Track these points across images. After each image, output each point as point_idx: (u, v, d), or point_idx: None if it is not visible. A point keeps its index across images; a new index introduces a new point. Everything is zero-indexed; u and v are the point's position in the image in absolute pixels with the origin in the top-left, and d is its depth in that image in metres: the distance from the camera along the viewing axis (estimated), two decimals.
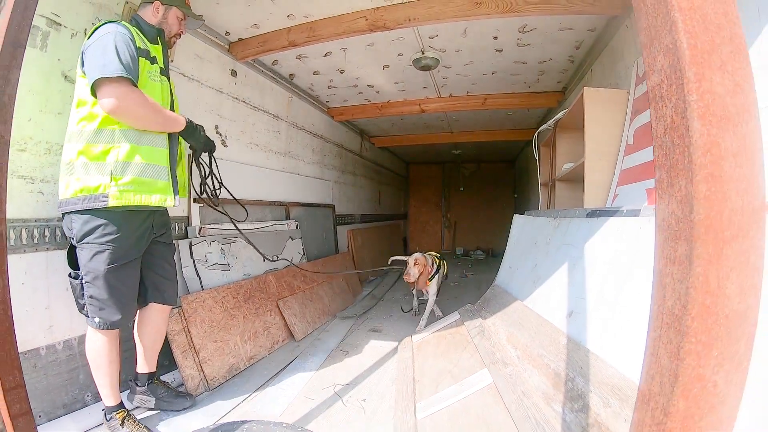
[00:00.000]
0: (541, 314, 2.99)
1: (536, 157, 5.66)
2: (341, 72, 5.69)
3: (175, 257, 3.14)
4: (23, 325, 2.63)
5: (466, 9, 3.72)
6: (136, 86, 2.43)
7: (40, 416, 2.69)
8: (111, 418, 2.71)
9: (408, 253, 5.01)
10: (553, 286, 3.06)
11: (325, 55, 5.06)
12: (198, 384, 3.29)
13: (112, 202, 2.38)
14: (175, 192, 2.68)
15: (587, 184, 3.50)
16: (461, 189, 14.86)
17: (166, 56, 2.86)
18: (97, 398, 2.95)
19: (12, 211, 2.57)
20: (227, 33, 4.43)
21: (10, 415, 1.37)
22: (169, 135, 2.70)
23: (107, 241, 2.47)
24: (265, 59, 5.10)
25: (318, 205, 6.99)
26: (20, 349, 2.57)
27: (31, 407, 2.24)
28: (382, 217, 11.39)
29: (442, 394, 2.81)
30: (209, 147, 3.01)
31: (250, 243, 3.61)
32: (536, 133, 5.65)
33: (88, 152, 2.39)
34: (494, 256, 12.37)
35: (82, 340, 2.90)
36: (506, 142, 9.61)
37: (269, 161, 5.53)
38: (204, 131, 2.90)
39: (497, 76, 5.76)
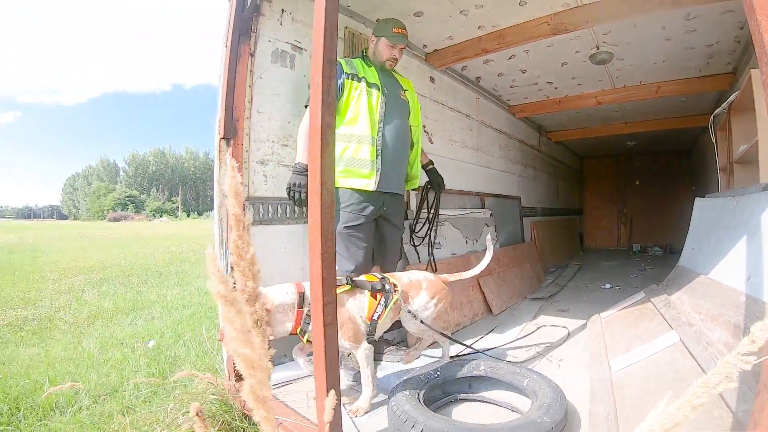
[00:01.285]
0: (722, 282, 3.23)
1: (713, 141, 5.66)
2: (523, 72, 6.17)
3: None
4: (285, 279, 3.41)
5: (636, 6, 4.00)
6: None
7: (285, 355, 3.50)
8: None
9: (584, 249, 5.00)
10: (733, 257, 3.23)
11: (510, 58, 5.58)
12: (416, 340, 3.93)
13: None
14: (379, 179, 3.38)
15: (761, 162, 3.66)
16: (637, 182, 14.38)
17: (382, 75, 3.57)
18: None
19: (279, 191, 3.48)
20: (424, 45, 5.11)
21: (324, 324, 1.96)
22: (383, 139, 3.43)
23: (338, 209, 3.29)
24: (456, 66, 5.70)
25: (506, 197, 7.56)
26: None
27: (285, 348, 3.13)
28: (559, 212, 11.55)
29: (633, 353, 3.13)
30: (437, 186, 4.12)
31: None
32: (712, 117, 5.65)
33: None
34: (672, 252, 11.62)
35: None
36: (680, 130, 9.41)
37: (465, 155, 6.19)
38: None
39: (668, 64, 5.88)
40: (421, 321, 3.11)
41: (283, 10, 3.57)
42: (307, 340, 2.73)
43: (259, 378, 1.02)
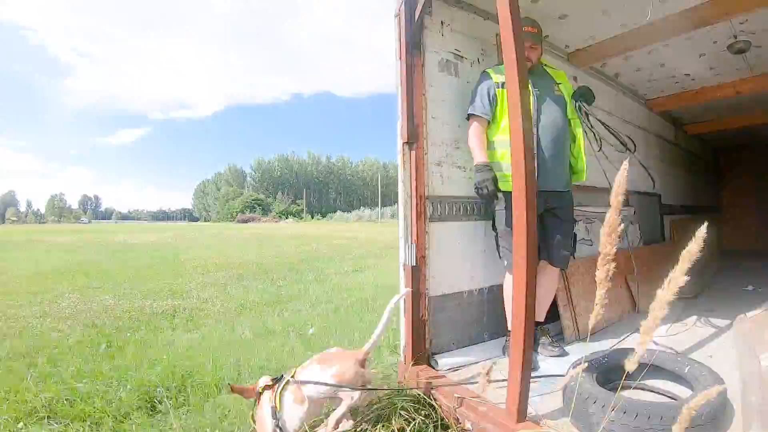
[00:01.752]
0: None
1: None
2: (661, 66, 6.13)
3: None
4: (455, 272, 3.80)
5: None
6: (477, 121, 3.59)
7: (453, 344, 3.77)
8: (507, 339, 3.70)
9: (722, 249, 4.77)
10: None
11: (649, 53, 5.62)
12: (572, 333, 4.18)
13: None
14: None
15: None
16: None
17: (530, 76, 3.51)
18: (492, 336, 4.03)
19: (453, 191, 3.79)
20: (566, 46, 5.25)
21: (525, 306, 2.31)
22: (538, 141, 3.57)
23: (503, 210, 3.58)
24: (596, 64, 5.79)
25: (647, 194, 7.48)
26: (451, 291, 3.75)
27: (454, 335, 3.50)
28: (697, 209, 11.00)
29: None
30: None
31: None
32: None
33: None
34: None
35: (490, 290, 4.03)
36: None
37: (610, 152, 6.22)
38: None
39: None
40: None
41: (442, 22, 3.84)
42: None
43: None
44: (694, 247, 1.51)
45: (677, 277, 1.56)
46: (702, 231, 1.49)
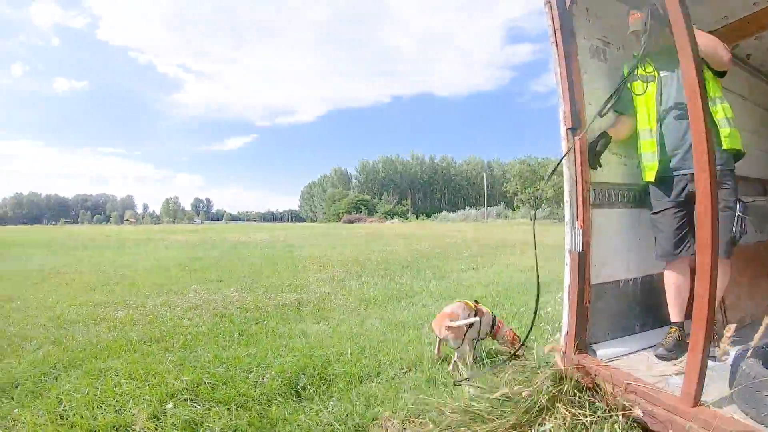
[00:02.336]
0: None
1: None
2: None
3: None
4: (612, 261, 3.77)
5: None
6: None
7: (608, 333, 3.73)
8: (668, 331, 3.62)
9: None
10: None
11: None
12: (720, 326, 4.06)
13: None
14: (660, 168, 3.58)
15: None
16: None
17: (657, 56, 3.66)
18: (644, 328, 3.97)
19: (609, 177, 3.77)
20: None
21: (709, 293, 2.31)
22: (663, 125, 3.61)
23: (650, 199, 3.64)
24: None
25: None
26: (609, 279, 3.72)
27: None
28: None
29: None
30: None
31: None
32: None
33: None
34: None
35: (643, 280, 3.98)
36: None
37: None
38: None
39: None
40: None
41: (587, 9, 3.82)
42: None
43: None
44: None
45: None
46: None
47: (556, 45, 3.49)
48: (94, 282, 9.83)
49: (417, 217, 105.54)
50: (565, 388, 3.00)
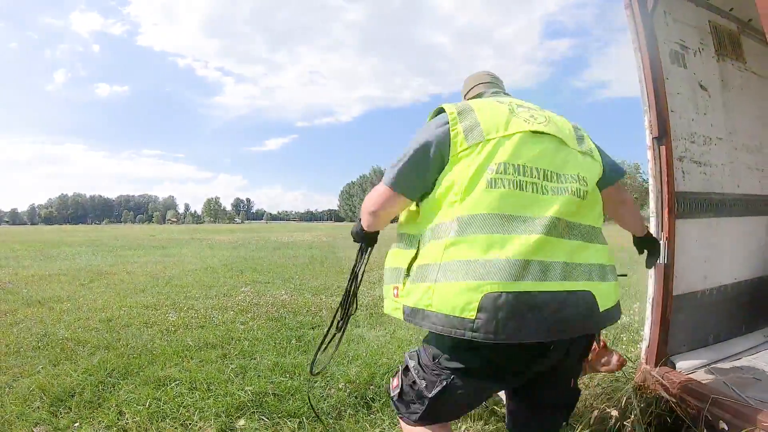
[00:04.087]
0: None
1: None
2: None
3: None
4: (690, 273, 3.64)
5: None
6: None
7: (684, 345, 3.63)
8: None
9: None
10: None
11: None
12: None
13: None
14: None
15: None
16: None
17: None
18: (716, 339, 3.86)
19: (692, 186, 3.65)
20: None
21: None
22: None
23: None
24: None
25: None
26: (688, 290, 3.61)
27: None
28: None
29: None
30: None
31: None
32: None
33: None
34: None
35: (719, 290, 3.87)
36: None
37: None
38: None
39: None
40: None
41: (665, 12, 3.69)
42: None
43: None
44: None
45: None
46: None
47: (640, 50, 3.40)
48: (143, 283, 9.90)
49: None
50: (649, 403, 2.96)
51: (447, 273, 1.68)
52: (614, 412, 2.82)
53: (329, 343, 2.85)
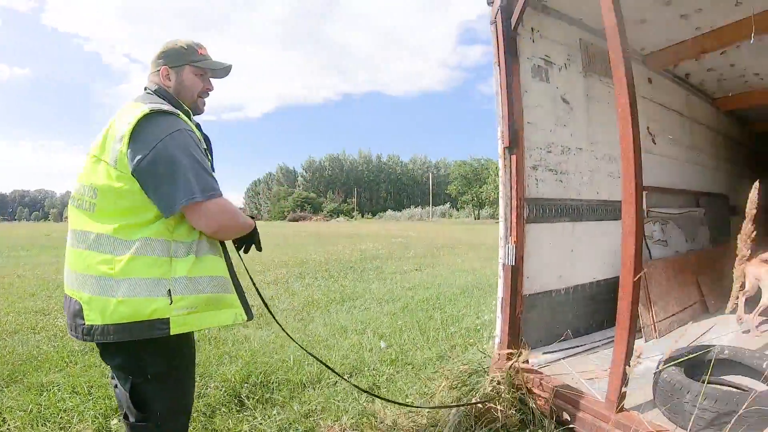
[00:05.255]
0: None
1: None
2: (732, 66, 6.14)
3: None
4: (545, 272, 3.94)
5: None
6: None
7: (540, 341, 3.90)
8: None
9: None
10: None
11: (721, 54, 5.64)
12: (650, 332, 4.28)
13: None
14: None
15: None
16: None
17: None
18: (575, 334, 4.17)
19: (545, 193, 3.92)
20: (642, 49, 5.33)
21: (631, 301, 2.47)
22: None
23: None
24: (670, 66, 5.84)
25: (715, 195, 7.51)
26: (542, 290, 3.90)
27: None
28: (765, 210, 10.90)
29: None
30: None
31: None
32: None
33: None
34: None
35: (576, 289, 4.18)
36: None
37: (680, 154, 6.36)
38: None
39: None
40: None
41: (533, 29, 3.96)
42: None
43: None
44: None
45: None
46: None
47: (499, 64, 3.61)
48: (33, 286, 9.50)
49: (362, 216, 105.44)
50: (501, 395, 3.11)
51: None
52: (464, 400, 3.06)
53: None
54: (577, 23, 4.45)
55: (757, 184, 1.96)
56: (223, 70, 2.51)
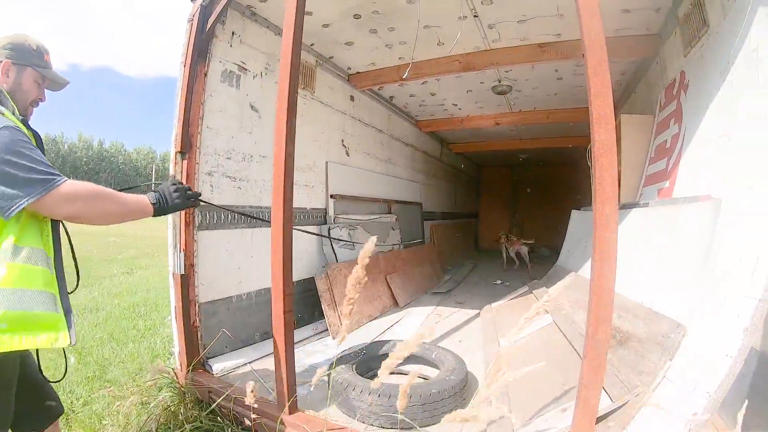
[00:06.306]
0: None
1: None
2: (432, 95, 6.96)
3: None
4: (223, 279, 3.93)
5: (534, 55, 4.81)
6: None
7: (226, 347, 3.88)
8: None
9: (479, 249, 5.59)
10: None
11: (422, 83, 6.34)
12: (337, 330, 4.53)
13: None
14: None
15: (623, 186, 4.38)
16: (528, 190, 16.18)
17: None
18: (263, 337, 4.24)
19: (222, 199, 3.90)
20: (349, 68, 5.69)
21: (284, 311, 2.59)
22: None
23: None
24: (374, 86, 6.27)
25: (410, 203, 8.41)
26: (221, 296, 3.91)
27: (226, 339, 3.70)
28: (457, 215, 12.74)
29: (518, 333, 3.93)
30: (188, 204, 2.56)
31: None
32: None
33: None
34: (559, 252, 12.20)
35: (258, 293, 4.26)
36: (568, 148, 10.58)
37: (377, 166, 6.96)
38: (174, 189, 2.52)
39: (559, 96, 6.88)
40: None
41: (233, 33, 3.96)
42: None
43: None
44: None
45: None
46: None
47: (185, 64, 3.51)
48: None
49: None
50: (184, 405, 3.09)
51: None
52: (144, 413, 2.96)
53: None
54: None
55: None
56: (61, 85, 2.38)
